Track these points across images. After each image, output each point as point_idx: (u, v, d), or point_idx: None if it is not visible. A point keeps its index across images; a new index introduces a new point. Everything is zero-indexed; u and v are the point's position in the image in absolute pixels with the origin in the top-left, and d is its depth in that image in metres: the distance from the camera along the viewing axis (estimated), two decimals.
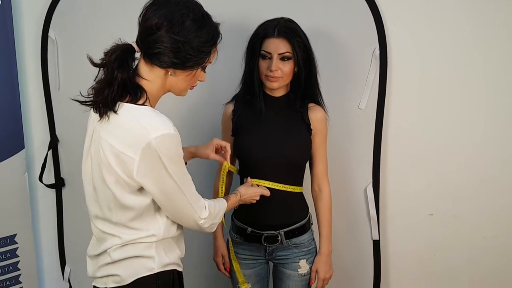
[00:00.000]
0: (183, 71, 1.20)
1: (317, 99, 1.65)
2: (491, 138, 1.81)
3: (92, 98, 1.21)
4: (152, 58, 1.17)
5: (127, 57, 1.18)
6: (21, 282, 2.14)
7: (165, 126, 1.15)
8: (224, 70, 1.74)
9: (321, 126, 1.64)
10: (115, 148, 1.17)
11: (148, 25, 1.15)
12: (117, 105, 1.18)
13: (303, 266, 1.66)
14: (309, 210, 1.72)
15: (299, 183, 1.67)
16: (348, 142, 1.88)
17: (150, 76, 1.20)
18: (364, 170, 1.89)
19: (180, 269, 1.35)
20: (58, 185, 2.21)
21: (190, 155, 1.54)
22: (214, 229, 1.37)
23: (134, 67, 1.23)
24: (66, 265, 2.27)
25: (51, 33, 2.07)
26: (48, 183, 2.21)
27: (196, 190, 1.29)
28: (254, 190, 1.52)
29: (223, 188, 1.59)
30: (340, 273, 1.99)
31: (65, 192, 2.23)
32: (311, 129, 1.62)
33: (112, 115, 1.18)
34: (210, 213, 1.30)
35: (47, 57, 2.10)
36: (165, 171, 1.16)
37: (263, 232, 1.63)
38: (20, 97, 2.07)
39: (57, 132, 2.17)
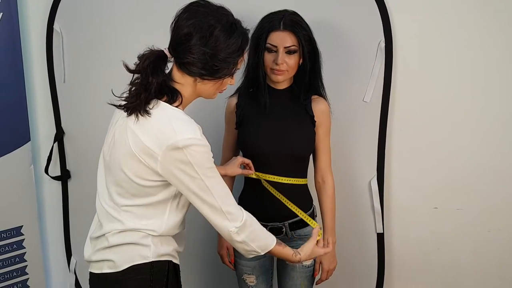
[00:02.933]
0: (211, 80, 1.23)
1: (320, 91, 1.65)
2: (497, 131, 1.81)
3: (128, 103, 1.23)
4: (181, 66, 1.21)
5: (160, 63, 1.21)
6: (27, 273, 2.16)
7: (193, 132, 1.18)
8: None
9: (324, 118, 1.64)
10: (141, 140, 1.19)
11: (179, 34, 1.19)
12: (152, 103, 1.21)
13: None
14: (313, 202, 1.72)
15: (303, 175, 1.67)
16: (352, 135, 1.87)
17: (182, 80, 1.24)
18: (368, 163, 1.88)
19: (176, 261, 1.36)
20: (64, 177, 2.23)
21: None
22: (250, 255, 1.32)
23: (168, 71, 1.26)
24: (72, 257, 2.28)
25: (56, 26, 2.07)
26: (54, 175, 2.22)
27: None
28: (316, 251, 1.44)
29: None
30: (344, 266, 1.99)
31: (70, 184, 2.24)
32: (315, 121, 1.62)
33: (145, 114, 1.21)
34: (246, 225, 1.26)
35: (52, 49, 2.10)
36: (187, 171, 1.19)
37: (268, 224, 1.64)
38: (25, 90, 2.08)
39: (62, 125, 2.18)
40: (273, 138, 1.60)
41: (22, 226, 2.13)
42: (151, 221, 1.27)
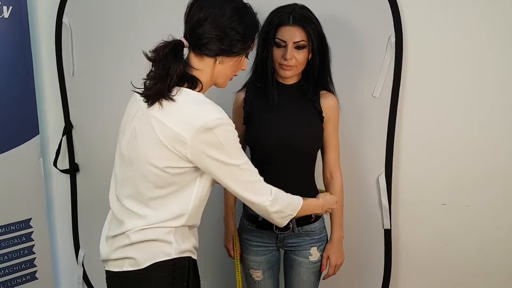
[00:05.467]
0: (230, 58, 1.27)
1: (328, 86, 1.64)
2: (506, 127, 1.79)
3: (148, 92, 1.25)
4: (201, 48, 1.24)
5: (179, 50, 1.25)
6: (35, 266, 2.18)
7: (220, 112, 1.22)
8: None
9: (333, 113, 1.63)
10: (169, 127, 1.20)
11: (195, 20, 1.23)
12: (175, 89, 1.23)
13: (314, 254, 1.67)
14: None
15: (311, 171, 1.67)
16: (361, 131, 1.87)
17: (200, 65, 1.27)
18: (377, 159, 1.88)
19: (194, 256, 1.37)
20: (73, 170, 2.24)
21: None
22: (285, 221, 1.38)
23: (185, 59, 1.29)
24: (80, 249, 2.30)
25: (65, 19, 2.08)
26: (63, 169, 2.23)
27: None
28: (332, 198, 1.57)
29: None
30: (351, 261, 1.99)
31: (79, 177, 2.25)
32: (323, 117, 1.61)
33: (169, 100, 1.22)
34: (276, 196, 1.32)
35: (61, 43, 2.11)
36: (218, 152, 1.21)
37: None
38: (34, 83, 2.09)
39: (71, 118, 2.19)
40: (281, 133, 1.59)
41: (31, 218, 2.14)
42: (177, 210, 1.27)
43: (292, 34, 1.51)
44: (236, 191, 1.28)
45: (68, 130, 2.19)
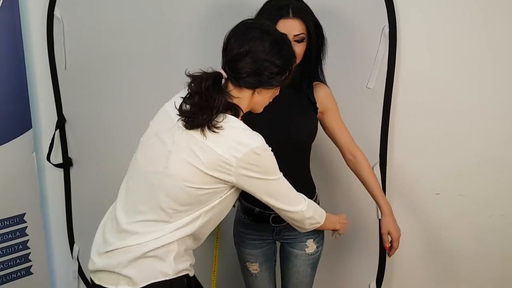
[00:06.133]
0: (269, 90, 1.31)
1: (319, 77, 1.63)
2: (499, 117, 1.80)
3: (191, 119, 1.24)
4: (240, 81, 1.27)
5: (220, 82, 1.28)
6: (30, 261, 2.17)
7: (262, 140, 1.28)
8: None
9: (329, 102, 1.63)
10: (217, 152, 1.22)
11: (234, 54, 1.25)
12: (221, 117, 1.25)
13: (311, 246, 1.67)
14: (316, 190, 1.72)
15: (306, 163, 1.67)
16: (355, 122, 1.86)
17: (239, 95, 1.30)
18: (371, 150, 1.88)
19: (191, 273, 1.36)
20: (66, 164, 2.22)
21: None
22: (312, 228, 1.46)
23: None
24: (74, 244, 2.29)
25: (56, 12, 2.06)
26: (56, 163, 2.22)
27: None
28: (345, 223, 1.63)
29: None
30: (346, 252, 2.01)
31: (73, 171, 2.24)
32: (317, 108, 1.61)
33: (215, 129, 1.23)
34: (308, 202, 1.41)
35: (53, 36, 2.08)
36: (262, 174, 1.28)
37: (271, 212, 1.63)
38: (26, 77, 2.07)
39: (64, 112, 2.17)
40: (275, 125, 1.58)
41: (25, 213, 2.13)
42: (187, 229, 1.28)
43: (292, 27, 1.48)
44: (276, 206, 1.35)
45: (61, 124, 2.18)
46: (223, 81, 1.30)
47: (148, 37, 1.99)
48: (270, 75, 1.26)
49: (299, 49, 1.51)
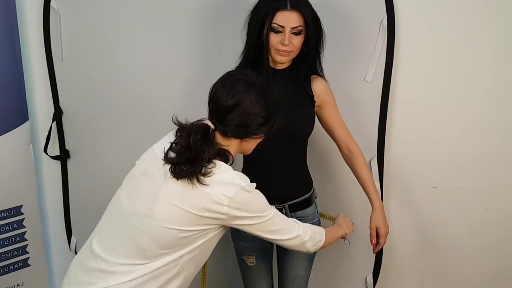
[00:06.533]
0: (256, 139, 1.34)
1: (317, 70, 1.62)
2: (496, 111, 1.80)
3: (178, 171, 1.24)
4: (228, 132, 1.29)
5: (208, 134, 1.29)
6: (28, 252, 2.17)
7: (249, 181, 1.28)
8: (227, 41, 1.72)
9: (326, 96, 1.62)
10: (207, 193, 1.22)
11: (222, 107, 1.27)
12: (212, 164, 1.25)
13: None
14: (314, 184, 1.72)
15: (303, 156, 1.67)
16: (353, 115, 1.86)
17: (227, 143, 1.32)
18: (369, 143, 1.88)
19: None
20: (63, 156, 2.22)
21: None
22: (317, 248, 1.44)
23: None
24: (72, 236, 2.29)
25: (53, 3, 2.04)
26: (53, 155, 2.21)
27: None
28: (351, 224, 1.62)
29: None
30: (342, 246, 2.00)
31: (70, 163, 2.24)
32: (315, 101, 1.61)
33: (205, 176, 1.24)
34: (302, 225, 1.40)
35: (50, 27, 2.07)
36: (252, 213, 1.28)
37: None
38: (23, 69, 2.05)
39: (61, 104, 2.16)
40: None
41: (22, 205, 2.13)
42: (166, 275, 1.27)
43: (290, 19, 1.48)
44: (269, 237, 1.35)
45: (58, 116, 2.17)
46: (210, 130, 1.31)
47: (146, 28, 1.97)
48: (257, 126, 1.29)
49: (296, 41, 1.50)
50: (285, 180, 1.63)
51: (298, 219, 1.64)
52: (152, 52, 2.00)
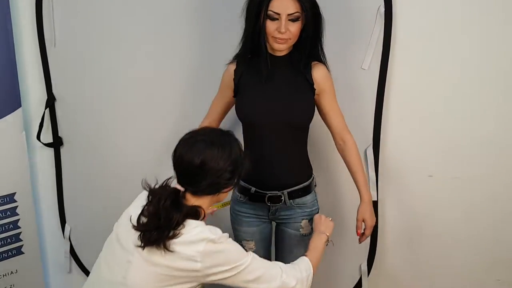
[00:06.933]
0: (228, 190, 1.36)
1: (319, 57, 1.61)
2: (494, 99, 1.80)
3: (146, 238, 1.25)
4: (198, 192, 1.31)
5: (178, 198, 1.30)
6: (21, 240, 2.16)
7: (221, 232, 1.29)
8: (225, 30, 1.70)
9: (326, 83, 1.61)
10: (172, 251, 1.24)
11: (187, 169, 1.29)
12: (181, 226, 1.26)
13: (305, 227, 1.68)
14: (313, 172, 1.72)
15: (303, 144, 1.66)
16: (349, 103, 1.85)
17: (199, 201, 1.33)
18: (365, 131, 1.87)
19: None
20: (56, 144, 2.20)
21: None
22: (310, 278, 1.41)
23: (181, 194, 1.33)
24: (66, 223, 2.28)
25: None
26: (46, 142, 2.19)
27: None
28: (329, 222, 1.60)
29: None
30: (337, 233, 2.00)
31: (63, 151, 2.22)
32: (315, 89, 1.59)
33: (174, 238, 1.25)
34: (283, 267, 1.37)
35: (42, 12, 2.04)
36: (228, 264, 1.27)
37: (267, 192, 1.64)
38: (15, 55, 2.02)
39: (54, 90, 2.14)
40: (272, 106, 1.57)
41: (15, 193, 2.11)
42: None
43: (286, 6, 1.45)
44: (250, 287, 1.32)
45: (50, 102, 2.14)
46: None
47: (142, 12, 1.95)
48: (226, 181, 1.30)
49: (294, 28, 1.48)
50: (285, 168, 1.62)
51: (297, 206, 1.65)
52: (148, 37, 1.97)
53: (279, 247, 1.75)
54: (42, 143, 2.18)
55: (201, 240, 1.24)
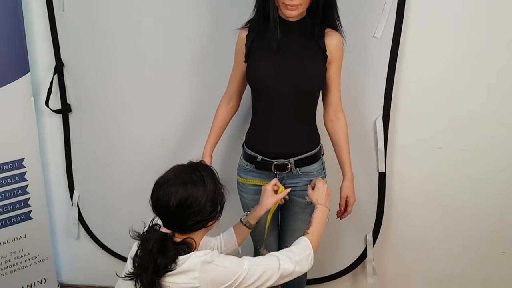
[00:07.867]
0: (215, 221, 1.35)
1: (335, 23, 1.58)
2: (504, 72, 1.78)
3: (140, 281, 1.29)
4: (186, 231, 1.31)
5: (165, 242, 1.30)
6: (30, 206, 2.18)
7: (212, 252, 1.30)
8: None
9: (337, 53, 1.59)
10: (170, 285, 1.26)
11: (167, 213, 1.28)
12: (173, 264, 1.27)
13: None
14: (321, 141, 1.71)
15: (312, 112, 1.65)
16: (361, 72, 1.84)
17: (191, 236, 1.33)
18: (375, 101, 1.87)
19: None
20: (65, 110, 2.19)
21: (260, 214, 1.61)
22: (311, 261, 1.41)
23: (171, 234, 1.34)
24: (74, 190, 2.30)
25: None
26: (55, 109, 2.19)
27: None
28: (325, 189, 1.57)
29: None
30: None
31: (71, 117, 2.21)
32: (327, 56, 1.58)
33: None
34: (279, 256, 1.37)
35: None
36: (226, 278, 1.28)
37: (273, 160, 1.64)
38: (23, 20, 2.00)
39: (62, 57, 2.12)
40: (283, 72, 1.56)
41: (24, 158, 2.12)
42: None
43: None
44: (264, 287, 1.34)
45: (59, 69, 2.13)
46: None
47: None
48: (209, 216, 1.30)
49: None
50: (292, 135, 1.62)
51: (303, 175, 1.66)
52: (159, 4, 1.94)
53: (284, 213, 1.76)
54: (51, 109, 2.17)
55: (193, 266, 1.26)
